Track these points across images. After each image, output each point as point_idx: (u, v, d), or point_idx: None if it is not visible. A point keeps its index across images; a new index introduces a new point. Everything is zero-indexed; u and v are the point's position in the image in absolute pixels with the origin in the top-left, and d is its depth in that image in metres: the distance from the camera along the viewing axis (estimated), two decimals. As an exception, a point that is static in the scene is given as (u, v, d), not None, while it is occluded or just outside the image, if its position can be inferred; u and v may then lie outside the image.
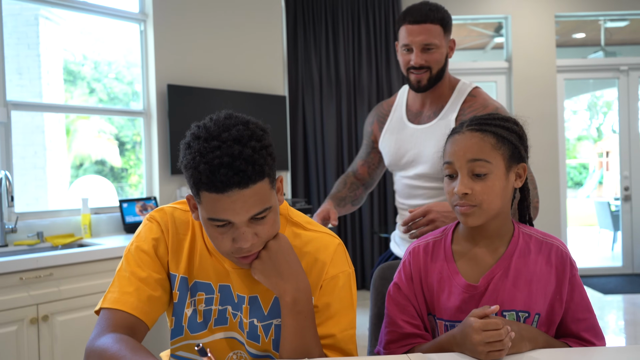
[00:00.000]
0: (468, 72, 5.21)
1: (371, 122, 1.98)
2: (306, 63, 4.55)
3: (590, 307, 1.15)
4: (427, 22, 1.68)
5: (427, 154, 1.76)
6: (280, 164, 4.18)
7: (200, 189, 0.93)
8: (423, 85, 1.75)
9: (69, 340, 2.46)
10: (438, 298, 1.18)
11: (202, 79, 3.76)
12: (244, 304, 1.10)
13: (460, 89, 1.80)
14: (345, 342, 1.08)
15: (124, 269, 1.09)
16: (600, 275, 5.48)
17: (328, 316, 1.08)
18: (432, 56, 1.71)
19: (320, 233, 1.14)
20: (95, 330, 1.01)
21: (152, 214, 1.14)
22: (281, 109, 4.20)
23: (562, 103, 5.25)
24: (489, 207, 1.10)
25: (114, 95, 6.00)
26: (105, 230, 3.23)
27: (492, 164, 1.10)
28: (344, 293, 1.10)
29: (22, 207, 3.26)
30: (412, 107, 1.87)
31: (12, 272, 2.32)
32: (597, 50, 5.99)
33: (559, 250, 1.14)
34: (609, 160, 13.10)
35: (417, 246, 1.23)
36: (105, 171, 6.27)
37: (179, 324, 1.13)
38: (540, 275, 1.13)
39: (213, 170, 0.90)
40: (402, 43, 1.73)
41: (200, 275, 1.12)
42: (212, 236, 0.99)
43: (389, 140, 1.88)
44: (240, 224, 0.96)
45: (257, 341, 1.10)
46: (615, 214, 6.70)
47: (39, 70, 4.63)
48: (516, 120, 1.17)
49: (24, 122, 4.57)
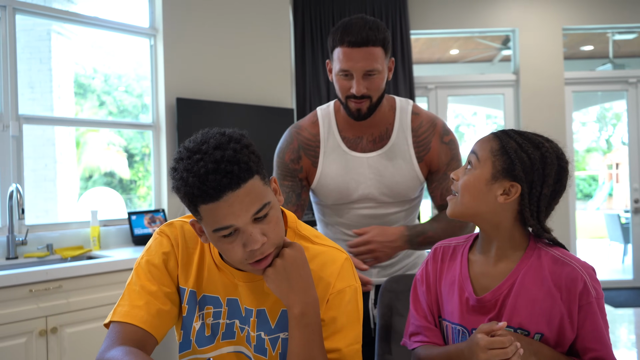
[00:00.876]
0: (475, 84, 5.22)
1: (296, 158, 1.65)
2: (314, 76, 4.58)
3: (605, 339, 1.09)
4: (368, 44, 1.46)
5: (387, 183, 1.62)
6: (288, 176, 4.19)
7: (197, 204, 0.94)
8: (363, 114, 1.55)
9: (77, 352, 2.46)
10: (448, 301, 1.19)
11: (210, 92, 3.79)
12: (251, 317, 1.11)
13: (401, 108, 1.65)
14: (350, 357, 1.08)
15: (134, 282, 1.09)
16: (611, 288, 5.41)
17: (334, 330, 1.08)
18: (373, 83, 1.51)
19: (328, 247, 1.14)
20: (105, 343, 1.01)
21: (162, 228, 1.15)
22: (289, 122, 4.22)
23: (570, 115, 5.23)
24: (462, 200, 1.14)
25: (124, 108, 6.06)
26: (114, 243, 3.25)
27: (479, 163, 1.13)
28: (350, 307, 1.09)
29: (32, 219, 3.30)
30: (346, 132, 1.64)
31: (22, 285, 2.33)
32: (606, 63, 5.99)
33: (573, 273, 1.08)
34: (618, 172, 13.00)
35: (440, 247, 1.27)
36: (114, 183, 6.32)
37: (187, 338, 1.14)
38: (546, 296, 1.09)
39: (202, 179, 0.91)
40: (340, 68, 1.50)
41: (209, 289, 1.12)
42: (223, 250, 1.00)
43: (331, 177, 1.64)
44: (245, 226, 0.96)
45: (264, 354, 1.10)
46: (625, 226, 6.64)
47: (50, 83, 4.69)
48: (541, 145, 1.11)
49: (35, 135, 4.62)
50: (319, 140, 1.65)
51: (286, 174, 1.66)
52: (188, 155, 0.95)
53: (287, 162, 1.66)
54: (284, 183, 1.66)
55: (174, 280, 1.12)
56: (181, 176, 0.94)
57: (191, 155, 0.95)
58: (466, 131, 10.76)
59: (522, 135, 1.14)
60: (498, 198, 1.11)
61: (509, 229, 1.14)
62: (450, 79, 5.20)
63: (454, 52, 6.70)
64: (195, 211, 0.97)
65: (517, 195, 1.10)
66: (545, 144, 1.12)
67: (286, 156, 1.66)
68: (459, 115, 10.05)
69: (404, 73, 4.71)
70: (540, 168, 1.10)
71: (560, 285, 1.09)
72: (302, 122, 1.70)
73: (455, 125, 9.33)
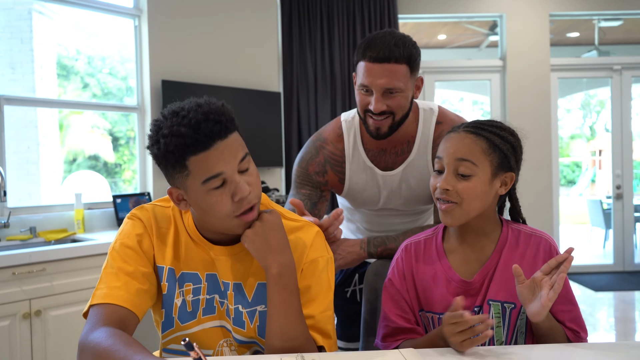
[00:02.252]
0: (463, 70, 5.23)
1: (322, 171, 1.62)
2: (301, 59, 4.55)
3: (574, 299, 1.19)
4: (390, 61, 1.39)
5: (406, 196, 1.63)
6: (275, 160, 4.18)
7: (187, 157, 0.98)
8: (383, 133, 1.48)
9: (61, 335, 2.45)
10: (432, 293, 1.21)
11: (196, 74, 3.75)
12: (229, 290, 1.13)
13: (425, 119, 1.58)
14: (324, 323, 1.12)
15: (109, 265, 1.10)
16: (592, 272, 5.52)
17: (309, 299, 1.12)
18: (394, 101, 1.43)
19: (300, 222, 1.19)
20: (87, 326, 1.01)
21: (132, 212, 1.17)
22: (276, 106, 4.19)
23: (555, 101, 5.27)
24: (468, 207, 1.15)
25: (108, 91, 5.97)
26: (98, 226, 3.23)
27: (478, 167, 1.15)
28: (323, 276, 1.14)
29: (15, 202, 3.25)
30: (370, 145, 1.60)
31: (5, 267, 2.31)
32: (591, 50, 6.02)
33: (547, 244, 1.19)
34: (601, 158, 13.17)
35: (410, 244, 1.28)
36: (99, 166, 6.25)
37: (169, 316, 1.15)
38: (527, 268, 1.16)
39: (194, 128, 0.97)
40: (361, 82, 1.44)
41: (187, 266, 1.15)
42: (211, 204, 1.02)
43: (357, 190, 1.65)
44: (232, 175, 1.01)
45: (242, 327, 1.13)
46: (607, 212, 6.75)
47: (32, 64, 4.60)
48: (513, 131, 1.21)
49: (17, 117, 4.54)
50: (344, 155, 1.62)
51: (306, 183, 1.64)
52: (172, 116, 1.00)
53: (311, 173, 1.63)
54: (301, 191, 1.64)
55: (150, 261, 1.13)
56: (170, 132, 0.98)
57: (175, 114, 1.00)
58: (453, 117, 10.79)
59: (496, 127, 1.19)
60: (499, 191, 1.18)
61: (489, 214, 1.21)
62: (437, 64, 5.21)
63: (442, 38, 6.69)
64: (182, 166, 1.00)
65: (512, 183, 1.19)
66: (511, 129, 1.21)
67: (310, 167, 1.63)
68: (445, 101, 10.07)
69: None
70: (520, 152, 1.20)
71: (537, 255, 1.18)
72: (327, 134, 1.65)
73: (441, 111, 9.35)
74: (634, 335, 3.84)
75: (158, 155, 1.02)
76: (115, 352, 0.90)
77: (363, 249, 1.56)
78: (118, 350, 0.90)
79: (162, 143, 0.99)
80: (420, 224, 1.75)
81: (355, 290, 1.72)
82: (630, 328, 3.96)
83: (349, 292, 1.73)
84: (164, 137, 0.99)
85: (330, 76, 4.62)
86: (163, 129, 0.99)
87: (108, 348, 0.92)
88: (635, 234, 5.71)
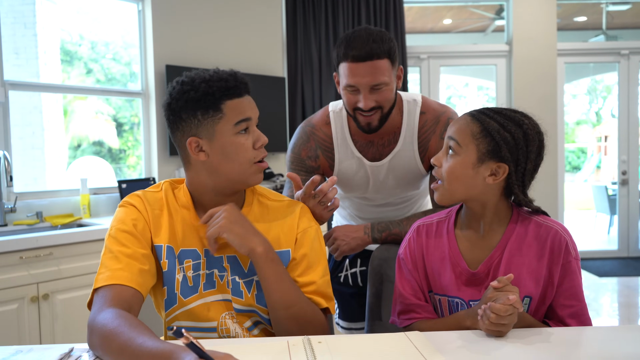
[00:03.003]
0: (468, 55, 5.19)
1: (314, 156, 1.66)
2: (305, 44, 4.52)
3: (580, 296, 1.16)
4: (373, 58, 1.41)
5: (393, 185, 1.67)
6: (279, 145, 4.18)
7: (225, 99, 1.11)
8: (374, 127, 1.52)
9: (69, 318, 2.48)
10: (440, 276, 1.22)
11: (200, 59, 3.74)
12: (223, 263, 1.18)
13: (409, 111, 1.61)
14: (325, 287, 1.21)
15: (108, 251, 1.12)
16: (596, 258, 5.52)
17: (307, 266, 1.20)
18: (382, 95, 1.46)
19: (284, 200, 1.28)
20: (95, 307, 1.03)
21: (124, 200, 1.21)
22: (280, 91, 4.18)
23: (562, 87, 5.24)
24: (450, 187, 1.16)
25: (112, 76, 5.95)
26: (104, 211, 3.24)
27: (462, 149, 1.14)
28: (316, 244, 1.23)
29: (21, 187, 3.27)
30: (358, 136, 1.63)
31: (13, 252, 2.33)
32: (599, 34, 5.96)
33: (556, 235, 1.15)
34: (607, 144, 13.10)
35: (422, 225, 1.28)
36: (103, 152, 6.26)
37: (172, 293, 1.17)
38: (532, 259, 1.15)
39: (233, 77, 1.13)
40: (346, 83, 1.46)
41: (185, 244, 1.18)
42: (238, 147, 1.13)
43: (346, 178, 1.69)
44: (255, 123, 1.17)
45: (240, 297, 1.18)
46: (612, 198, 6.73)
47: (35, 50, 4.59)
48: (522, 123, 1.13)
49: (21, 103, 4.55)
50: (332, 142, 1.65)
51: (300, 168, 1.66)
52: (203, 71, 1.14)
53: (304, 158, 1.66)
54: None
55: (147, 242, 1.16)
56: (211, 77, 1.12)
57: (205, 71, 1.14)
58: (458, 103, 10.74)
59: (501, 114, 1.15)
60: (487, 179, 1.14)
61: (495, 204, 1.18)
62: (442, 48, 5.16)
63: (447, 22, 6.63)
64: (217, 109, 1.11)
65: (504, 175, 1.14)
66: (525, 120, 1.15)
67: (302, 152, 1.66)
68: (450, 86, 10.01)
69: (396, 43, 4.66)
70: (524, 146, 1.13)
71: (545, 247, 1.15)
72: (316, 121, 1.68)
73: (446, 97, 9.31)
74: (637, 320, 3.86)
75: (194, 99, 1.10)
76: (121, 334, 0.92)
77: (367, 234, 1.57)
78: (123, 332, 0.92)
79: (203, 87, 1.10)
80: (408, 211, 1.77)
81: (347, 274, 1.76)
82: (633, 313, 3.97)
83: (342, 277, 1.77)
84: (205, 81, 1.11)
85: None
86: (199, 77, 1.12)
87: (114, 330, 0.93)
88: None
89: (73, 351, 1.00)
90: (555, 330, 1.10)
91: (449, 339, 1.05)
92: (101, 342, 0.95)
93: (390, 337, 1.06)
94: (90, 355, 0.98)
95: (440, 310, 1.24)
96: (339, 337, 1.05)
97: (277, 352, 0.97)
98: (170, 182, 1.25)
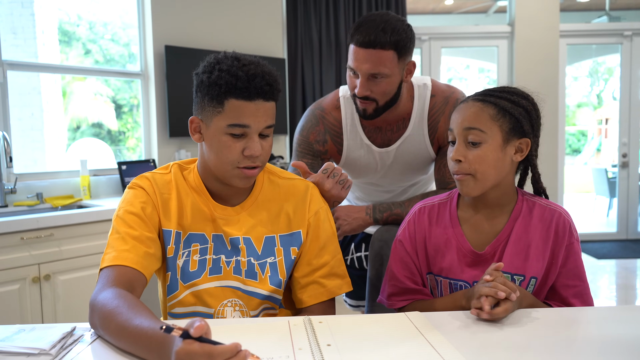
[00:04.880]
0: (470, 36, 5.14)
1: (322, 140, 1.65)
2: (306, 25, 4.48)
3: (583, 276, 1.17)
4: (376, 46, 1.37)
5: (402, 169, 1.67)
6: (279, 127, 4.17)
7: (229, 97, 1.06)
8: (369, 114, 1.50)
9: (71, 298, 2.50)
10: (442, 258, 1.21)
11: (200, 40, 3.70)
12: (239, 244, 1.18)
13: (420, 95, 1.59)
14: (337, 266, 1.24)
15: (116, 232, 1.13)
16: (595, 240, 5.55)
17: (319, 247, 1.23)
18: (378, 87, 1.43)
19: (294, 180, 1.27)
20: (97, 286, 1.04)
21: (133, 181, 1.21)
22: (280, 72, 4.15)
23: (563, 69, 5.20)
24: (483, 177, 1.13)
25: (110, 57, 5.90)
26: (104, 192, 3.24)
27: (486, 134, 1.12)
28: (327, 225, 1.25)
29: (21, 168, 3.26)
30: (367, 122, 1.62)
31: (14, 232, 2.34)
32: (602, 15, 5.90)
33: (560, 217, 1.17)
34: (607, 127, 13.06)
35: (423, 207, 1.27)
36: (103, 134, 6.24)
37: (174, 278, 1.18)
38: (538, 241, 1.16)
39: (250, 78, 1.06)
40: (348, 64, 1.45)
41: (194, 228, 1.18)
42: (223, 146, 1.09)
43: (354, 164, 1.69)
44: (256, 132, 1.09)
45: (255, 278, 1.19)
46: (612, 180, 6.73)
47: (33, 29, 4.55)
48: (526, 94, 1.16)
49: (20, 83, 4.52)
50: (340, 127, 1.64)
51: (307, 152, 1.66)
52: (233, 59, 1.08)
53: (312, 142, 1.65)
54: (303, 160, 1.65)
55: (155, 226, 1.16)
56: (228, 69, 1.06)
57: (237, 59, 1.08)
58: (459, 85, 10.68)
59: (506, 92, 1.15)
60: (514, 158, 1.15)
61: (507, 184, 1.18)
62: (444, 29, 5.12)
63: (449, 3, 6.56)
64: (219, 102, 1.07)
65: (528, 149, 1.15)
66: (525, 93, 1.17)
67: (311, 136, 1.65)
68: (451, 68, 9.94)
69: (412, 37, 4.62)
70: (536, 116, 1.16)
71: (550, 229, 1.16)
72: (326, 105, 1.66)
73: (447, 80, 9.25)
74: (634, 302, 3.89)
75: (204, 83, 1.08)
76: (119, 314, 0.92)
77: (369, 214, 1.58)
78: (121, 313, 0.93)
79: (216, 75, 1.07)
80: (412, 193, 1.78)
81: (354, 258, 1.77)
82: (631, 295, 4.00)
83: (348, 259, 1.79)
84: (220, 70, 1.07)
85: (335, 42, 4.55)
86: (222, 64, 1.07)
87: (113, 310, 0.94)
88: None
89: (75, 330, 1.00)
90: (553, 311, 1.11)
91: (448, 319, 1.05)
92: (101, 322, 0.96)
93: (391, 317, 1.07)
94: (92, 335, 0.99)
95: (440, 292, 1.24)
96: (340, 318, 1.06)
97: (279, 332, 0.98)
98: (179, 164, 1.25)
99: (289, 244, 1.22)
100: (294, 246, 1.22)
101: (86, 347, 0.95)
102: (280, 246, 1.21)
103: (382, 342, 0.93)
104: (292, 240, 1.22)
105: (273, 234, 1.21)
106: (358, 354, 0.88)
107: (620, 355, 0.88)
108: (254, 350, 0.88)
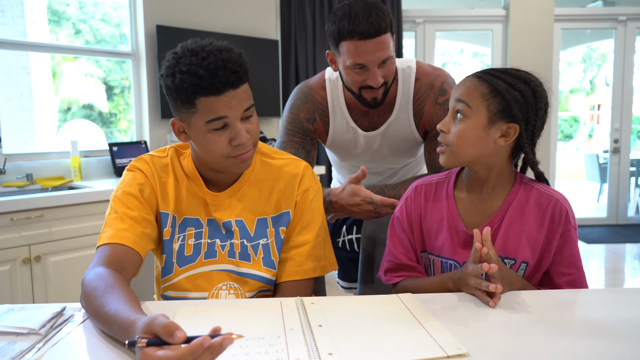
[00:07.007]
0: (464, 19, 5.11)
1: (311, 118, 1.65)
2: (299, 6, 4.43)
3: (579, 264, 1.17)
4: (380, 33, 1.37)
5: (388, 152, 1.68)
6: (272, 109, 4.14)
7: (198, 96, 1.03)
8: (380, 101, 1.51)
9: (62, 280, 2.49)
10: (436, 237, 1.22)
11: (192, 20, 3.65)
12: (232, 227, 1.19)
13: (404, 78, 1.59)
14: (318, 247, 1.23)
15: (114, 211, 1.13)
16: (585, 225, 5.60)
17: (303, 225, 1.23)
18: (388, 69, 1.46)
19: (287, 159, 1.27)
20: (91, 265, 1.04)
21: (132, 163, 1.21)
22: (273, 54, 4.11)
23: (557, 54, 5.19)
24: (458, 151, 1.12)
25: (101, 38, 5.81)
26: (95, 174, 3.22)
27: (472, 110, 1.11)
28: (314, 204, 1.25)
29: (10, 149, 3.22)
30: (354, 106, 1.62)
31: (3, 213, 2.32)
32: (597, 0, 5.88)
33: (557, 204, 1.15)
34: (600, 113, 13.11)
35: (420, 185, 1.27)
36: (94, 116, 6.17)
37: (170, 261, 1.18)
38: (532, 226, 1.15)
39: (212, 74, 1.02)
40: (354, 62, 1.41)
41: (189, 212, 1.19)
42: (209, 142, 1.08)
43: (340, 145, 1.70)
44: (235, 120, 1.07)
45: (248, 260, 1.20)
46: (603, 166, 6.77)
47: (22, 7, 4.46)
48: (529, 80, 1.12)
49: (8, 63, 4.44)
50: (327, 107, 1.64)
51: (297, 130, 1.65)
52: (191, 54, 1.04)
53: (302, 120, 1.64)
54: (293, 139, 1.65)
55: (152, 209, 1.17)
56: (188, 70, 1.02)
57: (195, 53, 1.04)
58: (452, 69, 10.63)
59: (508, 73, 1.13)
60: (497, 141, 1.12)
61: (501, 167, 1.16)
62: (438, 12, 5.08)
63: (444, -15, 6.50)
64: (191, 103, 1.05)
65: (516, 136, 1.12)
66: (531, 77, 1.13)
67: (301, 114, 1.64)
68: (445, 52, 9.90)
69: (392, 6, 4.58)
70: (534, 104, 1.11)
71: (545, 215, 1.15)
72: (313, 84, 1.66)
73: (441, 64, 9.21)
74: (622, 285, 3.94)
75: (170, 88, 1.06)
76: (96, 298, 0.92)
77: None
78: (97, 296, 0.92)
79: (178, 78, 1.03)
80: (402, 175, 1.79)
81: (345, 240, 1.78)
82: (619, 279, 4.05)
83: (340, 242, 1.80)
84: (180, 72, 1.03)
85: (329, 24, 4.51)
86: (181, 64, 1.04)
87: (91, 292, 0.94)
88: (630, 187, 5.75)
89: (65, 310, 1.00)
90: (542, 293, 1.11)
91: (440, 301, 1.06)
92: (83, 302, 0.97)
93: (383, 299, 1.07)
94: (83, 315, 0.99)
95: (432, 271, 1.25)
96: (332, 299, 1.06)
97: (270, 313, 0.98)
98: (176, 148, 1.25)
99: (279, 224, 1.22)
100: (283, 226, 1.23)
101: (76, 327, 0.94)
102: (272, 227, 1.22)
103: (373, 323, 0.94)
104: (282, 220, 1.23)
105: (265, 216, 1.22)
106: (349, 334, 0.89)
107: (608, 336, 0.89)
108: (245, 330, 0.88)
